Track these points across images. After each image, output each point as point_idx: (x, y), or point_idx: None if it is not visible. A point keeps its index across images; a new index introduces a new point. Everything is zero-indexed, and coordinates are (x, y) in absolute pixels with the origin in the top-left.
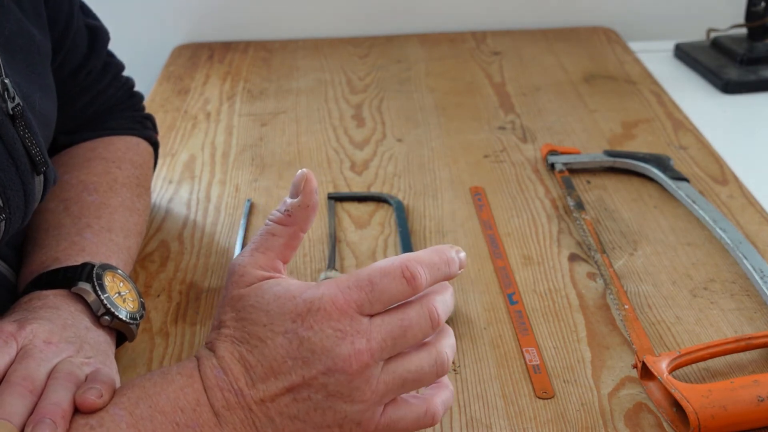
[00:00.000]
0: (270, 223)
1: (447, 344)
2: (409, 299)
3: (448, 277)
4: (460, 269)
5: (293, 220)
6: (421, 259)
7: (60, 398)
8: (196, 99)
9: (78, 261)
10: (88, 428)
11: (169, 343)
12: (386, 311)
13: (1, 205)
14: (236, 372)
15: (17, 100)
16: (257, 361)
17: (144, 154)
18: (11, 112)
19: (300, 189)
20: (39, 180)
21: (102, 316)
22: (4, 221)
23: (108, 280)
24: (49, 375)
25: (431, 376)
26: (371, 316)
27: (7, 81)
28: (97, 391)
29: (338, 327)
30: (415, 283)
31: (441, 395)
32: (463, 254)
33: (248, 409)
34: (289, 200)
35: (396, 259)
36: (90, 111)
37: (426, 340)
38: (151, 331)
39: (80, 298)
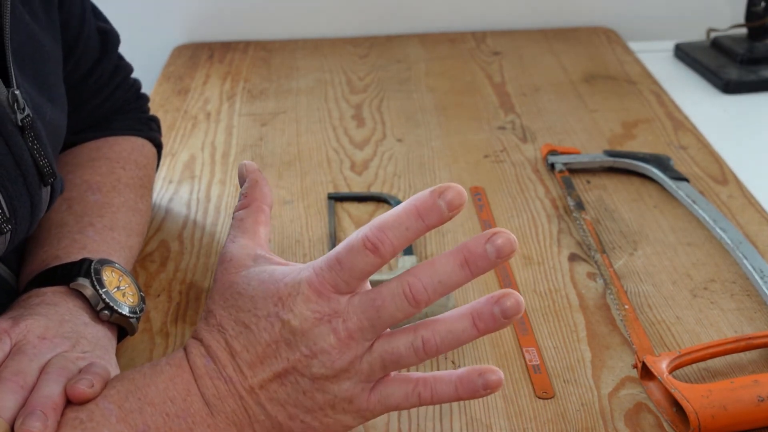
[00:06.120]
0: (235, 214)
1: (432, 329)
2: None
3: (425, 231)
4: (450, 212)
5: (251, 199)
6: (384, 223)
7: (51, 391)
8: (196, 99)
9: (78, 258)
10: (78, 422)
11: (169, 343)
12: (364, 291)
13: (8, 216)
14: (223, 359)
15: (27, 111)
16: (242, 347)
17: (148, 156)
18: (20, 124)
19: (245, 175)
20: (46, 191)
21: (101, 311)
22: (9, 232)
23: (107, 275)
24: (42, 370)
25: (409, 358)
26: (351, 294)
27: (17, 92)
28: (88, 382)
29: (316, 309)
30: (380, 253)
31: (434, 378)
32: (450, 194)
33: (239, 396)
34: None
35: (361, 230)
36: (98, 113)
37: (418, 323)
38: (151, 331)
39: (79, 294)
